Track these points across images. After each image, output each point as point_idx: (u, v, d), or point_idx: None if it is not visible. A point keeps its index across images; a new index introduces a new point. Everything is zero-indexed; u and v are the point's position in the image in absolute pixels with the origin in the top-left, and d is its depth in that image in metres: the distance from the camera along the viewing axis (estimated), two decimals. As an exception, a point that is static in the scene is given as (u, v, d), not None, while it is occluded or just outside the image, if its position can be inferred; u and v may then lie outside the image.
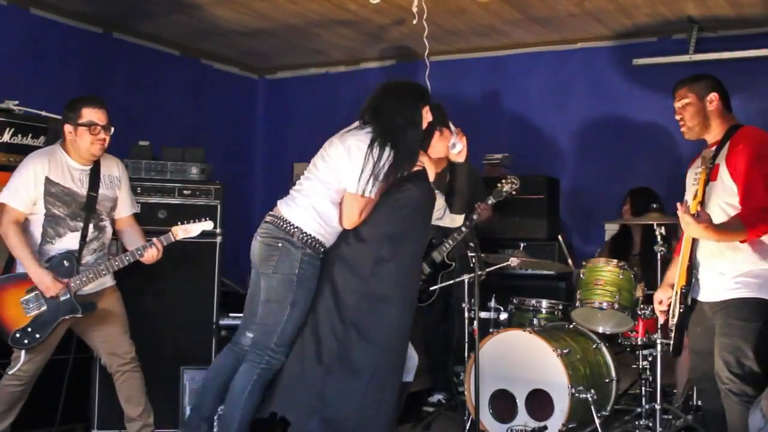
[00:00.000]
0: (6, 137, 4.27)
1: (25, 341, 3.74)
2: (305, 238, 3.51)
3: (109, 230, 4.01)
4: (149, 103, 6.20)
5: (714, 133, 3.52)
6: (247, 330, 3.68)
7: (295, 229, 3.51)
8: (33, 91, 5.07)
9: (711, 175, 3.41)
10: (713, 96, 3.51)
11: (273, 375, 3.54)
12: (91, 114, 3.83)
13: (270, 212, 3.64)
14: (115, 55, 5.97)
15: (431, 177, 3.77)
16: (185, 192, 4.67)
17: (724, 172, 3.36)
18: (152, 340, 4.49)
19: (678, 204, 3.26)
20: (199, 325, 4.62)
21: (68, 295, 3.77)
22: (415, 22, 4.88)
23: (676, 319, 3.49)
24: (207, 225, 3.99)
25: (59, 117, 4.44)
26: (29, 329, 3.74)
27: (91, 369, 4.35)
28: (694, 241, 3.43)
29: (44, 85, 5.37)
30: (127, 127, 4.85)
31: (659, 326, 4.09)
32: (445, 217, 4.01)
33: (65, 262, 3.80)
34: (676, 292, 3.48)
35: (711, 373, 3.40)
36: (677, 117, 3.60)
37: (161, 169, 4.68)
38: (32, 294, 3.76)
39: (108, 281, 3.99)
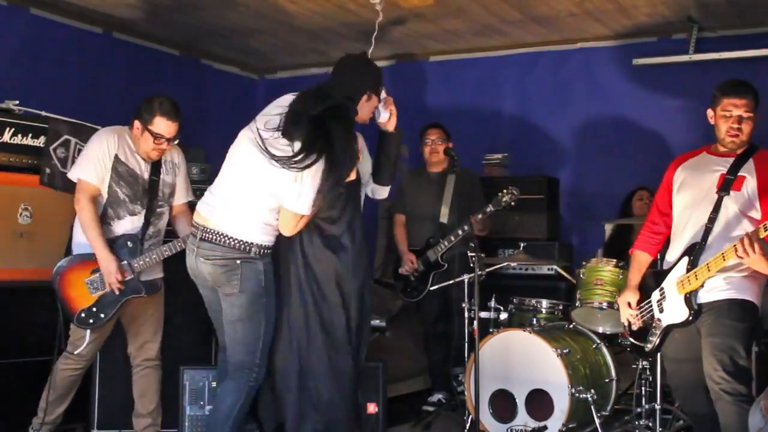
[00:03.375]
0: (6, 137, 4.26)
1: (91, 321, 3.80)
2: (261, 250, 3.47)
3: (165, 217, 4.03)
4: (149, 103, 6.20)
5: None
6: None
7: (250, 246, 3.43)
8: (33, 91, 5.07)
9: (733, 185, 3.39)
10: (758, 113, 3.48)
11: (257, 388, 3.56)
12: (162, 125, 3.82)
13: (202, 226, 3.49)
14: (115, 55, 5.97)
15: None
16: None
17: (750, 186, 3.36)
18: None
19: (747, 233, 3.14)
20: (199, 325, 4.60)
21: (132, 275, 3.82)
22: (379, 20, 4.86)
23: (666, 323, 3.49)
24: None
25: (59, 117, 4.46)
26: (94, 309, 3.80)
27: (91, 369, 4.33)
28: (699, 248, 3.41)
29: (44, 85, 5.36)
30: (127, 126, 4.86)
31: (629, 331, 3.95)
32: (367, 185, 3.86)
33: (129, 243, 3.84)
34: (663, 296, 3.50)
35: (694, 378, 3.41)
36: (734, 125, 3.43)
37: (161, 169, 4.67)
38: (97, 274, 3.80)
39: (160, 272, 4.02)
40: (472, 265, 4.17)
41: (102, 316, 3.82)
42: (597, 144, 6.14)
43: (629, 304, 3.68)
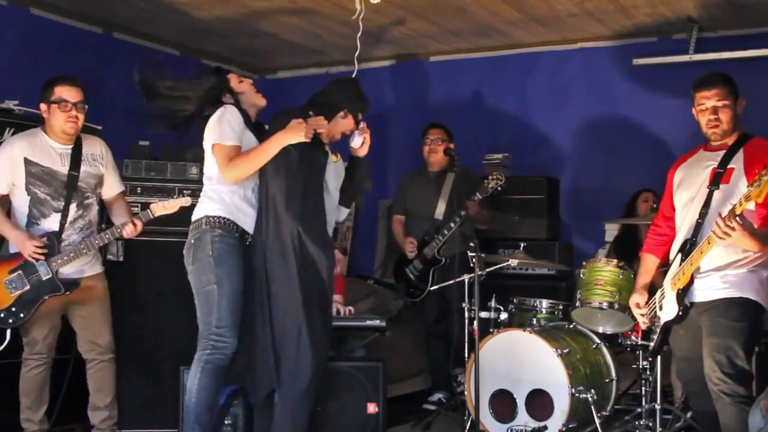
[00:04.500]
0: (6, 137, 4.26)
1: (11, 320, 3.81)
2: (211, 220, 3.62)
3: (94, 208, 4.03)
4: (149, 103, 6.20)
5: (728, 137, 3.47)
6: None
7: (201, 219, 3.64)
8: (33, 91, 5.04)
9: (723, 178, 3.37)
10: (742, 100, 3.48)
11: (223, 363, 3.58)
12: (61, 91, 3.88)
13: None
14: (115, 55, 5.97)
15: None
16: (185, 192, 4.65)
17: (740, 178, 3.32)
18: (152, 340, 4.49)
19: (720, 214, 3.14)
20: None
21: (50, 275, 3.83)
22: (359, 17, 4.85)
23: (663, 321, 3.49)
24: (184, 201, 4.04)
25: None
26: (13, 309, 3.80)
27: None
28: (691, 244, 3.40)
29: (44, 85, 5.36)
30: (127, 127, 4.85)
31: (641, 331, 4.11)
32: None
33: (45, 240, 3.83)
34: (663, 295, 3.49)
35: (699, 375, 3.39)
36: (711, 116, 3.44)
37: (161, 169, 4.68)
38: (15, 274, 3.82)
39: (96, 267, 4.02)
40: (472, 265, 4.17)
41: (22, 315, 3.82)
42: (597, 144, 6.14)
43: (638, 305, 3.69)
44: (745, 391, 3.25)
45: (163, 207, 3.97)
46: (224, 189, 3.68)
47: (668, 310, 3.46)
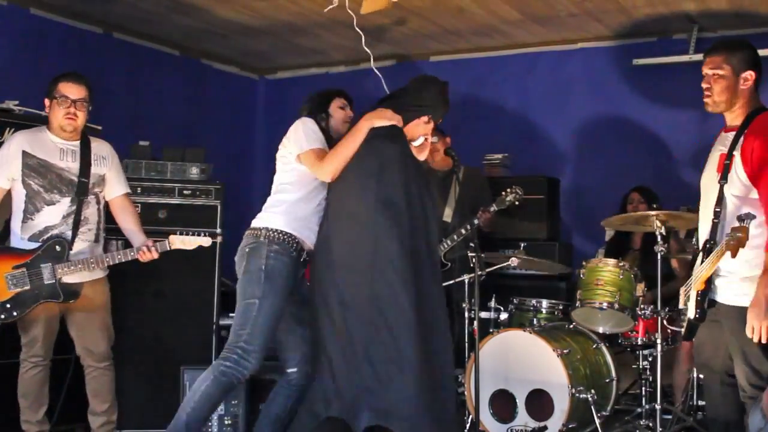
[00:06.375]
0: (6, 137, 4.27)
1: (1, 315, 3.77)
2: (271, 234, 3.54)
3: (92, 207, 3.98)
4: (149, 103, 6.20)
5: (735, 114, 3.20)
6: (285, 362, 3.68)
7: (261, 230, 3.58)
8: (33, 91, 5.05)
9: (729, 168, 3.15)
10: (750, 74, 3.16)
11: (237, 381, 3.48)
12: (64, 87, 3.88)
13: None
14: (115, 55, 5.97)
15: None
16: (185, 192, 4.67)
17: (738, 164, 3.10)
18: (152, 340, 4.50)
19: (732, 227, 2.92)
20: (199, 325, 4.62)
21: (53, 280, 3.80)
22: (354, 23, 4.86)
23: (690, 314, 3.30)
24: (205, 241, 3.97)
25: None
26: (8, 305, 3.77)
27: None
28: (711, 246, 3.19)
29: (44, 85, 5.33)
30: (127, 127, 4.86)
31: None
32: None
33: (57, 247, 3.81)
34: (689, 288, 3.32)
35: (710, 364, 3.30)
36: (704, 85, 3.20)
37: (161, 169, 4.69)
38: (18, 271, 3.78)
39: (97, 272, 3.97)
40: (472, 265, 4.17)
41: (14, 313, 3.78)
42: (597, 144, 6.14)
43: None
44: None
45: (181, 242, 3.92)
46: (293, 198, 3.62)
47: (690, 308, 3.29)
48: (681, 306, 3.45)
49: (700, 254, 3.26)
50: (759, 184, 3.06)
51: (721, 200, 3.16)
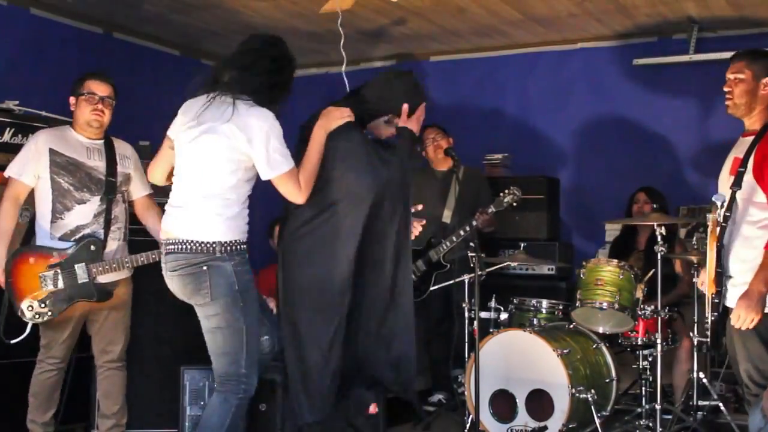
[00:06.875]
0: (6, 137, 4.27)
1: (36, 315, 3.75)
2: (227, 247, 3.23)
3: (120, 206, 4.00)
4: (149, 103, 6.20)
5: (754, 120, 3.32)
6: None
7: (213, 245, 3.21)
8: (33, 91, 5.07)
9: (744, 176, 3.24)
10: (753, 70, 3.30)
11: (249, 401, 3.34)
12: (91, 85, 3.90)
13: (165, 239, 3.33)
14: (115, 55, 5.97)
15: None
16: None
17: (748, 177, 3.20)
18: (152, 340, 4.49)
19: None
20: (199, 325, 4.60)
21: (87, 279, 3.79)
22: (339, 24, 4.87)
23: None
24: None
25: (59, 117, 4.46)
26: (42, 305, 3.75)
27: (92, 369, 4.34)
28: (719, 249, 3.25)
29: (44, 85, 5.36)
30: (127, 127, 4.85)
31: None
32: None
33: (92, 246, 3.81)
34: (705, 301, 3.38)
35: (737, 359, 3.31)
36: (726, 88, 3.36)
37: (161, 169, 4.67)
38: (52, 271, 3.76)
39: (125, 272, 3.99)
40: (472, 265, 4.17)
41: (49, 313, 3.76)
42: (597, 144, 6.14)
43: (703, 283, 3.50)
44: None
45: None
46: (235, 200, 3.31)
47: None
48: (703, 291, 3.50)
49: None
50: (763, 185, 3.14)
51: (731, 205, 3.25)
